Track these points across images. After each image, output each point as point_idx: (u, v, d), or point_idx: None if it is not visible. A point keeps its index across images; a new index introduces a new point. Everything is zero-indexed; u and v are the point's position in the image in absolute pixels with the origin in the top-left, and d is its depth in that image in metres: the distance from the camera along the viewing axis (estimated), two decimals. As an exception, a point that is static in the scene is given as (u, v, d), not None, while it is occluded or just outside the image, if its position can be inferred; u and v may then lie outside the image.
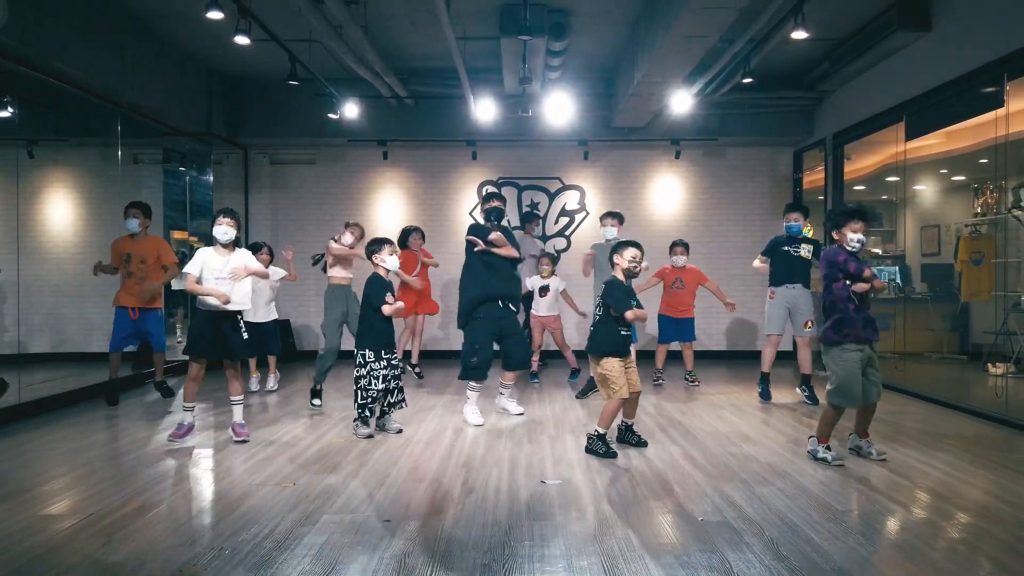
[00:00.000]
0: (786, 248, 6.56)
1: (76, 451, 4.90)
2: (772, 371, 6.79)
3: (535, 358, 8.00)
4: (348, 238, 6.60)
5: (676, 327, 7.64)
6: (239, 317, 5.08)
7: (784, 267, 6.55)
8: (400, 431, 5.38)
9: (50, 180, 8.46)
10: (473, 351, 5.71)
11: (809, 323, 6.52)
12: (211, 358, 5.06)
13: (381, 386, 5.22)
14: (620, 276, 4.84)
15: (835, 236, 4.53)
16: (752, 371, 8.78)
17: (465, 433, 5.42)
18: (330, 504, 3.75)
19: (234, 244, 5.13)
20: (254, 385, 7.30)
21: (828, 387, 4.50)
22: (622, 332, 4.76)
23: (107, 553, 3.10)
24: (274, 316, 7.34)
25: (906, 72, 7.21)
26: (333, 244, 6.51)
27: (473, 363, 5.70)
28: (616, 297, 4.73)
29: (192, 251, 9.29)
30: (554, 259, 7.84)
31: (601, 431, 4.77)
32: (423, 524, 3.46)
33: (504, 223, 6.20)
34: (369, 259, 5.39)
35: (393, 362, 5.33)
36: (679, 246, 7.67)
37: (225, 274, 4.96)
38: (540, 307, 7.78)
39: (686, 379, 7.68)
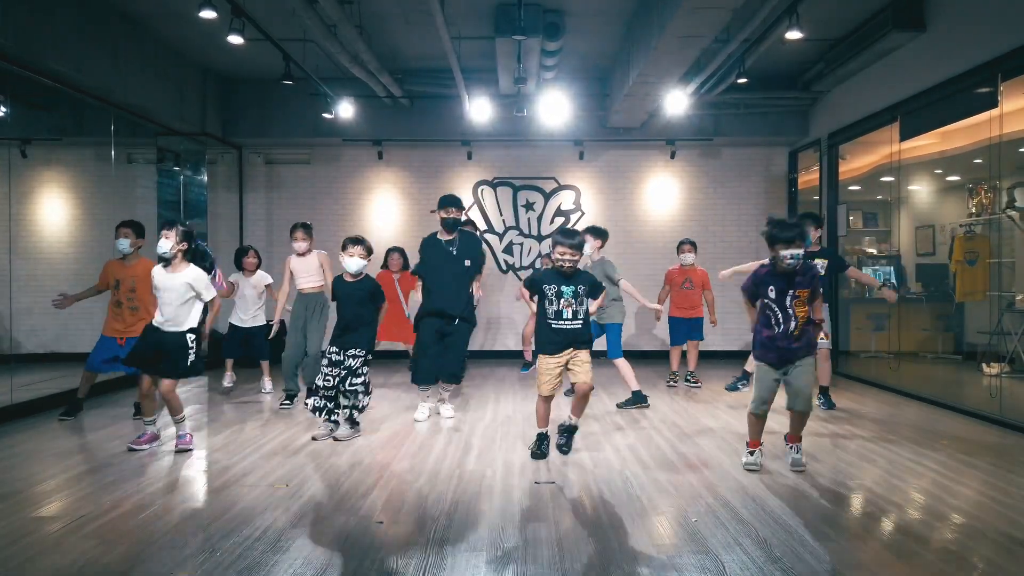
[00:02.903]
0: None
1: (68, 452, 4.88)
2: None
3: (527, 349, 8.02)
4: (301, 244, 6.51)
5: (688, 327, 7.60)
6: (188, 338, 4.73)
7: None
8: (337, 439, 5.11)
9: (43, 180, 8.44)
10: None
11: (824, 334, 6.30)
12: (144, 370, 4.77)
13: (320, 382, 5.10)
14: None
15: (770, 253, 4.30)
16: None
17: (459, 434, 5.41)
18: (322, 506, 3.73)
19: (185, 256, 4.74)
20: (267, 386, 7.28)
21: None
22: (551, 324, 4.60)
23: (99, 555, 3.08)
24: (262, 322, 7.23)
25: (900, 72, 7.22)
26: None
27: (411, 365, 5.91)
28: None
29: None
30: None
31: (538, 431, 4.79)
32: (416, 525, 3.45)
33: (473, 231, 6.09)
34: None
35: (335, 358, 5.11)
36: (687, 244, 7.60)
37: (170, 289, 4.67)
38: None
39: (687, 380, 7.64)
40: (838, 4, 6.95)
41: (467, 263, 5.82)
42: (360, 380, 5.17)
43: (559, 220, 10.17)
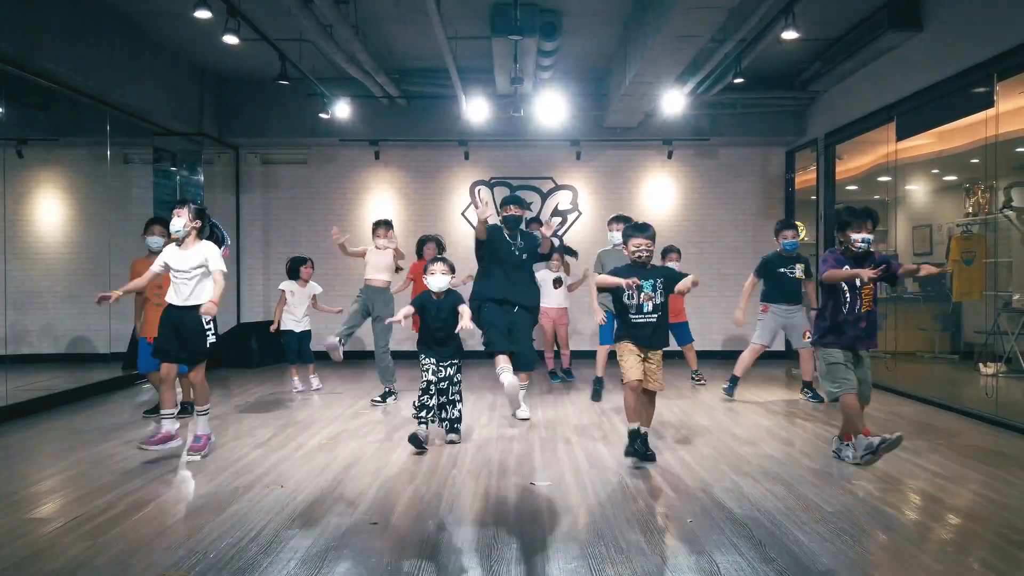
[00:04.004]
0: (782, 270, 6.56)
1: (63, 453, 4.86)
2: (770, 371, 6.81)
3: (549, 355, 8.00)
4: (383, 241, 6.73)
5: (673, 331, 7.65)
6: (203, 318, 4.68)
7: (780, 288, 6.57)
8: (453, 442, 5.07)
9: (39, 180, 8.41)
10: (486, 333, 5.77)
11: (808, 333, 6.50)
12: (168, 359, 4.76)
13: (433, 378, 4.95)
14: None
15: (839, 238, 4.54)
16: (749, 373, 8.79)
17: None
18: (318, 507, 3.72)
19: (200, 234, 4.76)
20: (299, 386, 7.31)
21: (825, 386, 4.56)
22: (632, 319, 4.54)
23: (92, 556, 3.07)
24: (309, 327, 7.41)
25: (897, 72, 7.22)
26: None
27: (485, 339, 5.75)
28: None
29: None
30: (564, 256, 7.79)
31: (628, 427, 4.58)
32: (411, 526, 3.44)
33: (528, 230, 6.33)
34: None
35: (444, 363, 5.01)
36: (673, 252, 7.65)
37: (186, 268, 4.66)
38: (549, 299, 7.64)
39: (692, 379, 7.72)
40: (834, 4, 6.95)
41: (524, 257, 5.98)
42: (459, 387, 5.14)
43: (556, 220, 10.17)
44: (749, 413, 6.23)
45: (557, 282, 7.71)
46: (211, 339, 4.78)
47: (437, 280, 5.03)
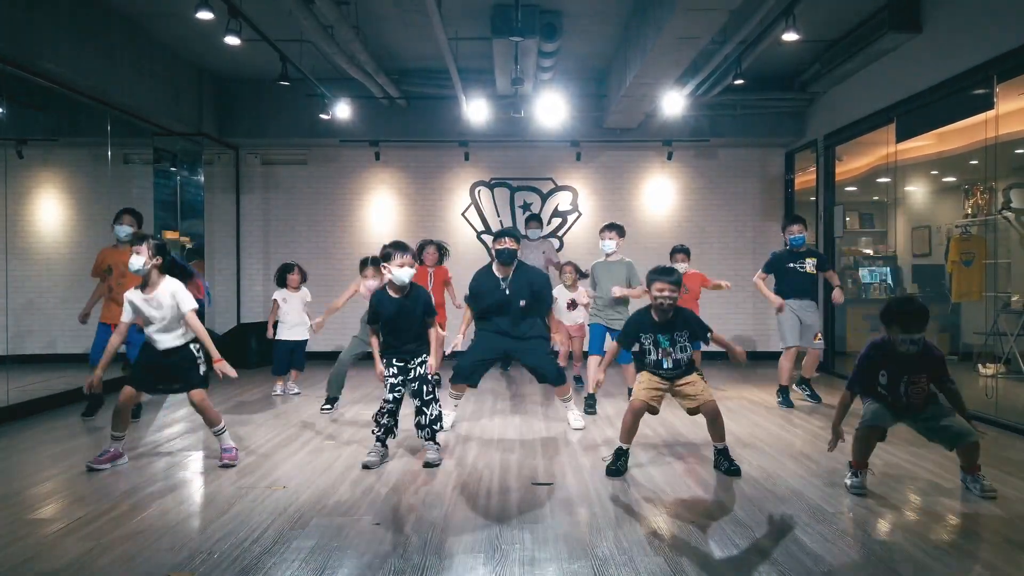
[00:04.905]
0: (791, 264, 6.50)
1: (65, 454, 4.87)
2: (770, 372, 6.76)
3: (564, 362, 7.83)
4: (373, 283, 6.50)
5: None
6: (193, 348, 4.48)
7: (791, 283, 6.47)
8: (431, 464, 4.51)
9: (39, 180, 8.42)
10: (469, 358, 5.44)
11: (819, 336, 6.48)
12: (152, 392, 4.58)
13: (390, 396, 4.53)
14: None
15: (885, 332, 3.93)
16: (749, 373, 8.81)
17: (457, 436, 5.40)
18: (320, 507, 3.73)
19: (161, 271, 4.41)
20: (279, 391, 7.21)
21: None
22: (652, 371, 4.40)
23: (95, 557, 3.07)
24: (305, 336, 7.26)
25: (897, 74, 7.24)
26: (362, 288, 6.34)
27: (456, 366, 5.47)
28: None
29: (184, 251, 9.23)
30: (578, 268, 7.34)
31: (620, 445, 4.40)
32: (413, 527, 3.45)
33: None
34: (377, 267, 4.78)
35: (414, 371, 4.58)
36: (680, 252, 7.34)
37: (160, 312, 4.34)
38: (564, 317, 7.34)
39: None
40: (834, 6, 6.97)
41: (522, 304, 5.34)
42: (433, 387, 4.64)
43: (556, 221, 10.18)
44: (748, 414, 6.24)
45: (571, 305, 7.34)
46: (203, 368, 4.52)
47: (405, 273, 4.45)
